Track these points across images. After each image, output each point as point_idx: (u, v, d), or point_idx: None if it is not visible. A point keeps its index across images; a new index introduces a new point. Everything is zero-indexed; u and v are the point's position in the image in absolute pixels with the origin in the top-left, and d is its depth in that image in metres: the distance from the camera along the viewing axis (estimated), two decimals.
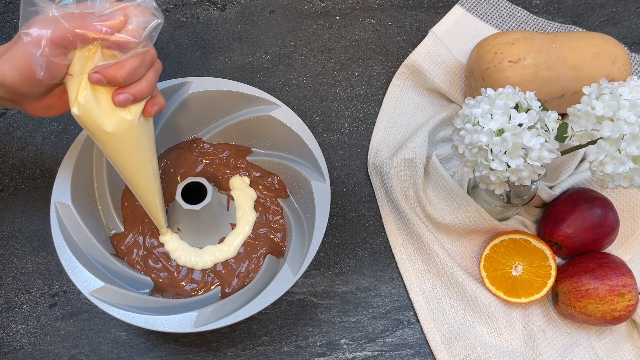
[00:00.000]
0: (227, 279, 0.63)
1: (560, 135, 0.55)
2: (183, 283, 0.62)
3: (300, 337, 0.66)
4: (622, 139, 0.50)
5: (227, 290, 0.63)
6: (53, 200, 0.57)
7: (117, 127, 0.50)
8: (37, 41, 0.44)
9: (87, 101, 0.48)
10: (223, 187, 0.67)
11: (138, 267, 0.63)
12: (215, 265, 0.63)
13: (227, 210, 0.64)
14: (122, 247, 0.63)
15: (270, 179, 0.68)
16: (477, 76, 0.70)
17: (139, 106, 0.51)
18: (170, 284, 0.62)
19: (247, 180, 0.67)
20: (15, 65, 0.47)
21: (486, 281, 0.66)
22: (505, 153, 0.52)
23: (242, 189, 0.67)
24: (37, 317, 0.65)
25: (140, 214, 0.65)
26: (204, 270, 0.63)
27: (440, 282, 0.68)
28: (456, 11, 0.81)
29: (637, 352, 0.65)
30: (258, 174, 0.68)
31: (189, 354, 0.65)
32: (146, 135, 0.53)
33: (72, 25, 0.45)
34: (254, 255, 0.64)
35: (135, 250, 0.63)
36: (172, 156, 0.68)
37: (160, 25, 0.48)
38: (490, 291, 0.66)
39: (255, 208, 0.67)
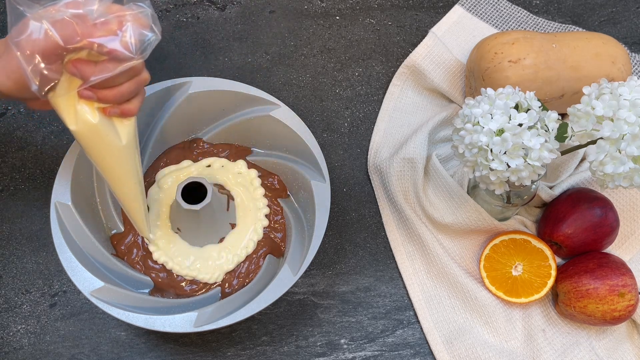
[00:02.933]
0: (227, 279, 0.63)
1: (560, 135, 0.55)
2: (183, 284, 0.62)
3: (300, 337, 0.66)
4: (622, 139, 0.50)
5: (227, 290, 0.63)
6: (53, 200, 0.57)
7: (81, 125, 0.49)
8: (30, 54, 0.43)
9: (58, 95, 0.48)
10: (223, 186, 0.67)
11: (138, 267, 0.63)
12: None
13: (227, 210, 0.64)
14: (122, 247, 0.63)
15: (270, 179, 0.68)
16: (477, 76, 0.70)
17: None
18: (170, 284, 0.62)
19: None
20: (10, 76, 0.46)
21: (486, 281, 0.66)
22: (505, 153, 0.52)
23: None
24: (37, 317, 0.65)
25: None
26: None
27: (440, 282, 0.68)
28: (456, 11, 0.81)
29: (637, 352, 0.65)
30: (258, 174, 0.68)
31: (189, 354, 0.65)
32: (115, 137, 0.51)
33: (64, 34, 0.43)
34: (254, 255, 0.64)
35: (135, 250, 0.63)
36: (172, 156, 0.68)
37: (155, 42, 0.45)
38: (490, 291, 0.66)
39: None
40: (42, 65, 0.44)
